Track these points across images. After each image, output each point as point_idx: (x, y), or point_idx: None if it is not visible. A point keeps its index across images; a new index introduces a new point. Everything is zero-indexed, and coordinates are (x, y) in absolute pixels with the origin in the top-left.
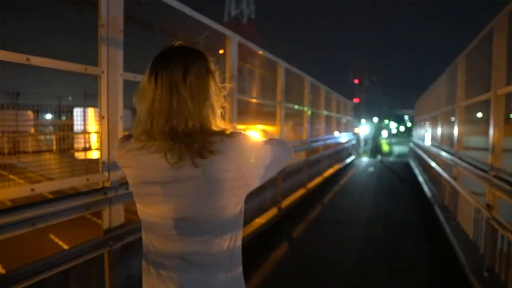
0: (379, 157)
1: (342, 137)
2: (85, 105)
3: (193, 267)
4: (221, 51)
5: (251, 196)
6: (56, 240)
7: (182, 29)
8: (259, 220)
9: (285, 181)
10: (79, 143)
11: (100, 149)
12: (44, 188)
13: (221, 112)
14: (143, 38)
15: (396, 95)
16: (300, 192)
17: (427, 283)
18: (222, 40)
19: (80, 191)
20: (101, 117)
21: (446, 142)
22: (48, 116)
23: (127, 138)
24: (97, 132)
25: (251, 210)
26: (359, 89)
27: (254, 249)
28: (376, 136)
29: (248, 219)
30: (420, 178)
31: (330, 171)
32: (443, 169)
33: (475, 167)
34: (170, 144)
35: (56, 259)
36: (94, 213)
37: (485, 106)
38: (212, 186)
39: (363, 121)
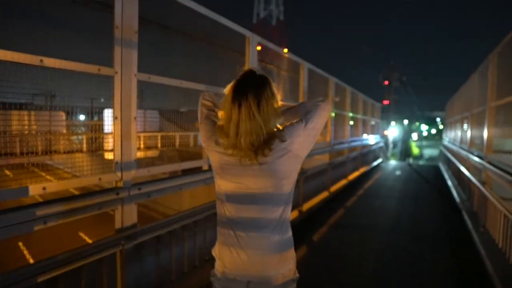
0: (409, 160)
1: (369, 139)
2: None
3: (257, 228)
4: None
5: None
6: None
7: (198, 29)
8: None
9: (307, 184)
10: (108, 143)
11: (113, 149)
12: (54, 187)
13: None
14: (159, 39)
15: (428, 96)
16: (323, 195)
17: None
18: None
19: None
20: (114, 118)
21: (476, 145)
22: (82, 117)
23: (212, 127)
24: (110, 133)
25: None
26: (389, 91)
27: None
28: (405, 138)
29: None
30: (449, 183)
31: (355, 174)
32: (472, 173)
33: (505, 171)
34: (251, 151)
35: (70, 256)
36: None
37: None
38: (272, 173)
39: (392, 123)
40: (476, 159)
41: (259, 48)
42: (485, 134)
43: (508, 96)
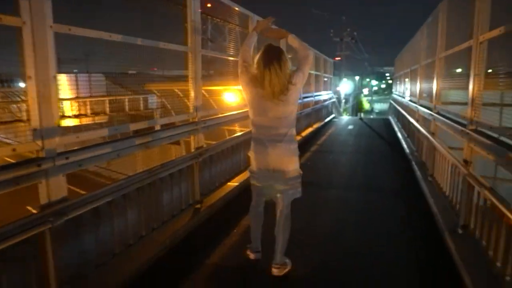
0: (360, 115)
1: (322, 95)
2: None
3: (279, 141)
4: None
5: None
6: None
7: None
8: (232, 184)
9: None
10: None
11: (28, 113)
12: None
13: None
14: None
15: (378, 53)
16: None
17: (400, 243)
18: None
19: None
20: (27, 78)
21: (425, 97)
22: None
23: (249, 77)
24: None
25: (225, 172)
26: (340, 47)
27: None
28: (357, 93)
29: (220, 183)
30: (399, 135)
31: (309, 130)
32: (422, 125)
33: (453, 121)
34: (277, 95)
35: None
36: None
37: (466, 60)
38: (290, 106)
39: (344, 79)
40: (426, 110)
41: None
42: (434, 85)
43: (458, 45)
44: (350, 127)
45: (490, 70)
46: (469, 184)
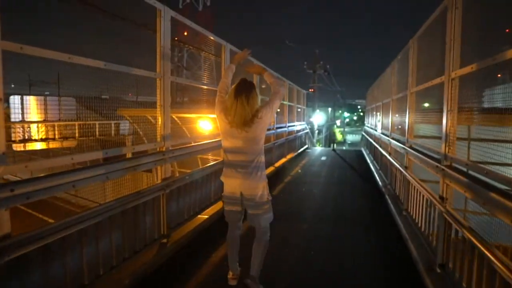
0: (333, 146)
1: (295, 126)
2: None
3: (246, 167)
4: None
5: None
6: None
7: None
8: (202, 216)
9: None
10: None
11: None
12: None
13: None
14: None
15: (350, 85)
16: None
17: (375, 283)
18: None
19: None
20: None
21: (397, 130)
22: None
23: (223, 107)
24: None
25: (195, 204)
26: (313, 79)
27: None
28: (330, 125)
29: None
30: (372, 167)
31: (282, 161)
32: (394, 158)
33: (427, 156)
34: (242, 125)
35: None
36: None
37: (434, 95)
38: (255, 136)
39: (317, 110)
40: (399, 144)
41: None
42: (407, 119)
43: (429, 80)
44: (323, 158)
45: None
46: (446, 221)
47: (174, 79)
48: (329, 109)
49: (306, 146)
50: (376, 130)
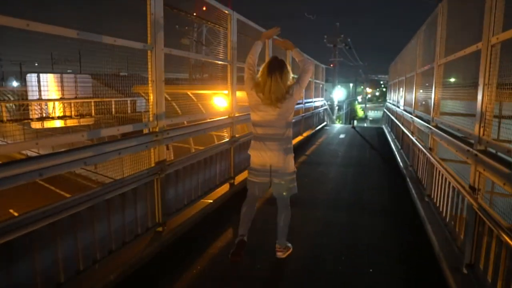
0: (353, 123)
1: (314, 102)
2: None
3: (275, 140)
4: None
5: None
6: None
7: None
8: (205, 200)
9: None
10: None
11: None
12: None
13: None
14: None
15: (372, 60)
16: None
17: (392, 282)
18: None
19: None
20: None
21: (421, 107)
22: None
23: (253, 83)
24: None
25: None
26: (334, 53)
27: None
28: (351, 101)
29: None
30: (393, 146)
31: (298, 139)
32: (417, 137)
33: (456, 138)
34: (274, 101)
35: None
36: None
37: (460, 70)
38: (286, 111)
39: (338, 86)
40: (422, 122)
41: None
42: (433, 95)
43: (461, 50)
44: (342, 136)
45: None
46: (478, 216)
47: (168, 51)
48: (351, 84)
49: (325, 123)
50: (398, 107)
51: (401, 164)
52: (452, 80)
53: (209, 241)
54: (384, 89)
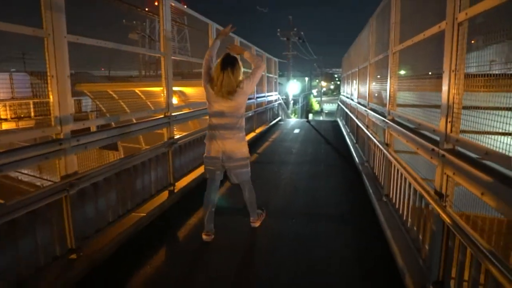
0: (310, 116)
1: (267, 96)
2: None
3: (227, 129)
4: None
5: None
6: None
7: None
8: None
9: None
10: None
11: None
12: None
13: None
14: None
15: (326, 54)
16: None
17: (344, 210)
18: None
19: None
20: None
21: (375, 100)
22: None
23: (208, 78)
24: None
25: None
26: (287, 47)
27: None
28: (306, 94)
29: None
30: (348, 140)
31: (250, 136)
32: (372, 132)
33: (417, 134)
34: (226, 94)
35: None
36: None
37: (412, 60)
38: (237, 104)
39: (293, 80)
40: (378, 116)
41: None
42: (388, 86)
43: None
44: (296, 131)
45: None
46: (447, 228)
47: (75, 39)
48: (306, 78)
49: (279, 118)
50: (352, 100)
51: (357, 159)
52: (402, 72)
53: (136, 269)
54: (338, 83)
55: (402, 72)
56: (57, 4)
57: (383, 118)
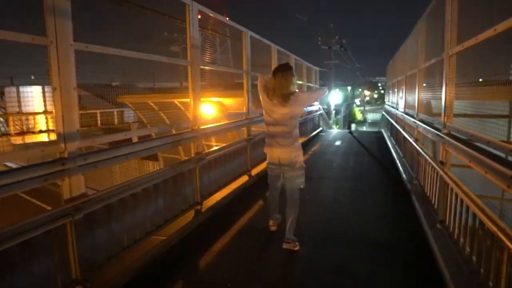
0: (352, 126)
1: (307, 107)
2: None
3: (282, 137)
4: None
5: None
6: None
7: None
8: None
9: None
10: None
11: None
12: None
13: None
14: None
15: (370, 62)
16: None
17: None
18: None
19: None
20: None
21: (425, 110)
22: None
23: (264, 90)
24: None
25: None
26: (329, 56)
27: None
28: (349, 104)
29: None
30: (394, 153)
31: None
32: (423, 146)
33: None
34: (280, 99)
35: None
36: None
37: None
38: (291, 112)
39: (336, 89)
40: (429, 128)
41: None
42: (443, 94)
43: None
44: (338, 143)
45: None
46: (445, 183)
47: (84, 47)
48: (349, 87)
49: (320, 129)
50: (397, 109)
51: (404, 176)
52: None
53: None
54: (382, 91)
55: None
56: (61, 9)
57: (438, 132)
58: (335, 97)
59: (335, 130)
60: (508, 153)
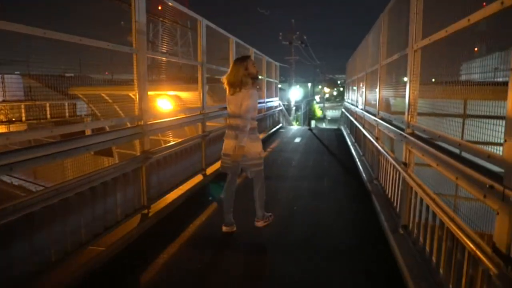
0: (312, 123)
1: (265, 103)
2: None
3: (239, 130)
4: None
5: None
6: None
7: None
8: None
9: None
10: None
11: None
12: None
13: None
14: None
15: (329, 59)
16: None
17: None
18: None
19: None
20: None
21: (387, 108)
22: None
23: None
24: None
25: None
26: (290, 52)
27: None
28: (309, 101)
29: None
30: (353, 151)
31: None
32: (383, 146)
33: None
34: (229, 88)
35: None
36: None
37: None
38: (241, 103)
39: (297, 86)
40: (391, 127)
41: None
42: (407, 91)
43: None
44: (297, 140)
45: None
46: (408, 185)
47: (151, 55)
48: (309, 84)
49: (280, 125)
50: (357, 107)
51: (364, 176)
52: (405, 79)
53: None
54: (341, 89)
55: (405, 78)
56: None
57: (401, 132)
58: (295, 93)
59: (295, 127)
60: (486, 159)
